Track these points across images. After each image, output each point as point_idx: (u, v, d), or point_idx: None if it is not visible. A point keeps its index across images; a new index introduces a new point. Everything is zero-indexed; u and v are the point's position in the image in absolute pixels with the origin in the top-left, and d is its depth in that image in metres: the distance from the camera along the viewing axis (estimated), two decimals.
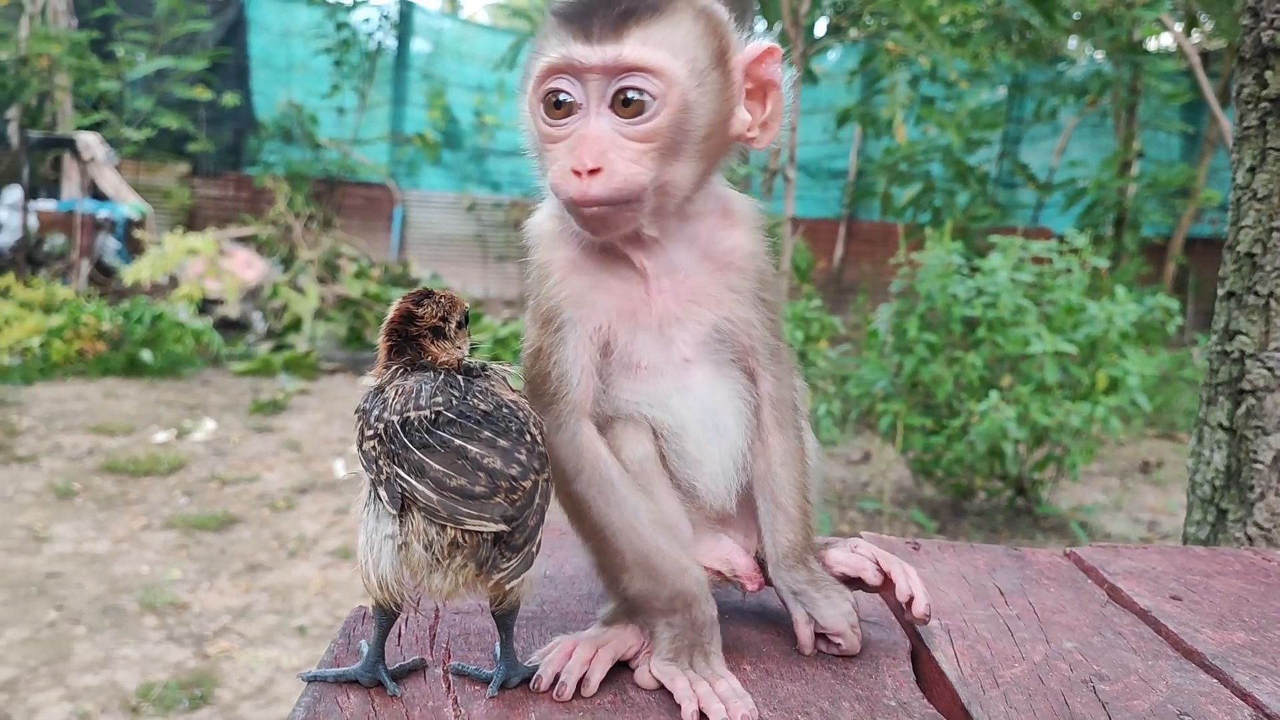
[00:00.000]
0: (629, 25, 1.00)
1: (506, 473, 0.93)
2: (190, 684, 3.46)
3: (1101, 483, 6.49)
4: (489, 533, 0.92)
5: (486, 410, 0.97)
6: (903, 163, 10.43)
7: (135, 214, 10.63)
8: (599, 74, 1.01)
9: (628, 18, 1.00)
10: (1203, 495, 2.06)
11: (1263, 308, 1.94)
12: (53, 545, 4.60)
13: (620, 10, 1.00)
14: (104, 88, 12.21)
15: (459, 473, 0.92)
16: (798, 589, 1.15)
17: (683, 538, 1.14)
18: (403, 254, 13.22)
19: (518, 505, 0.93)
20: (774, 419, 1.15)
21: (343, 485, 5.68)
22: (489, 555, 0.93)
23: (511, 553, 0.94)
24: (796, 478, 1.16)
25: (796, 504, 1.15)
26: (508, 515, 0.92)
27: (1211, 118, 9.42)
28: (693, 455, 1.13)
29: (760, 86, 1.06)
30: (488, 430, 0.95)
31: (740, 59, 1.05)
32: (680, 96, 1.01)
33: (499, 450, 0.94)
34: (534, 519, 0.95)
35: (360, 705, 0.95)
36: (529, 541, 0.94)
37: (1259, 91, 1.94)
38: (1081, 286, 5.28)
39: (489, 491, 0.92)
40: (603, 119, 1.02)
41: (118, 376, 8.02)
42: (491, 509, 0.92)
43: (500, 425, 0.96)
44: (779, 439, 1.15)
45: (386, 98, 13.76)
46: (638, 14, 1.00)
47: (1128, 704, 1.03)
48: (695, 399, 1.11)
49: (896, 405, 5.27)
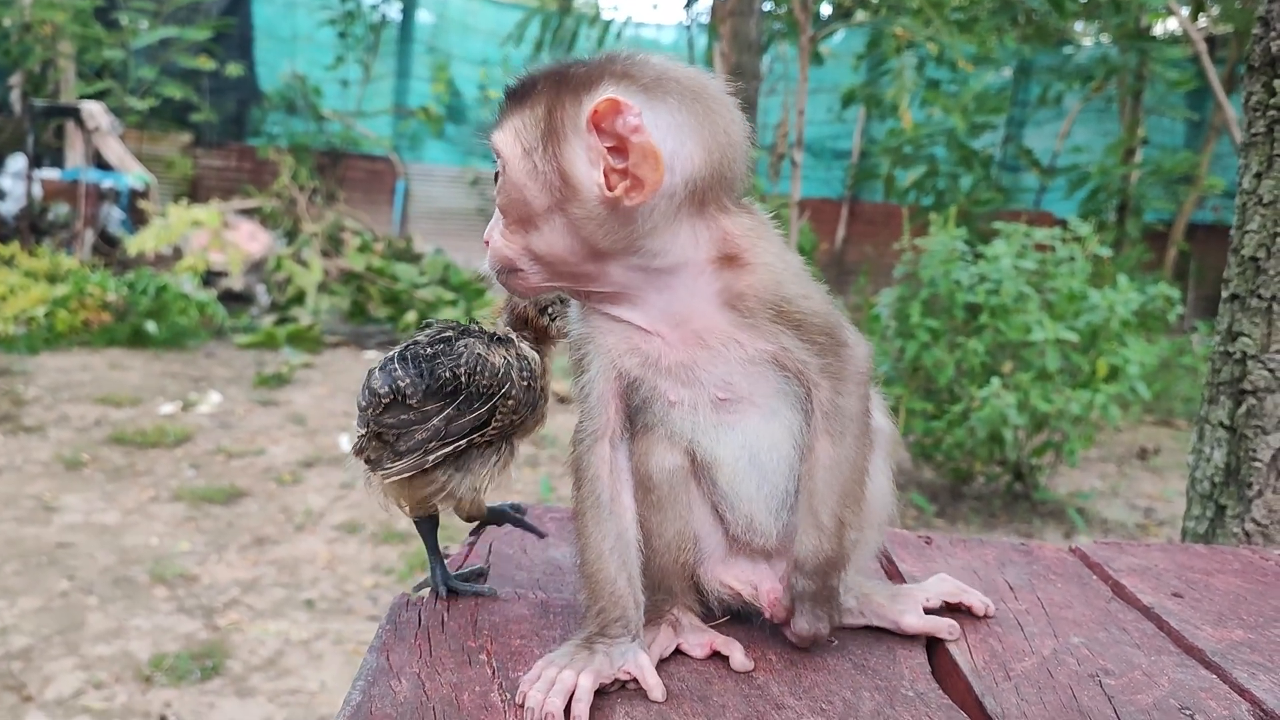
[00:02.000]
0: (501, 115, 1.09)
1: (378, 391, 1.17)
2: (201, 655, 3.52)
3: (1099, 469, 6.56)
4: (369, 433, 1.19)
5: (427, 355, 1.19)
6: (907, 145, 10.45)
7: (139, 184, 10.65)
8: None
9: (502, 109, 1.09)
10: (1202, 491, 2.12)
11: (1265, 310, 1.99)
12: (62, 515, 4.66)
13: (500, 102, 1.09)
14: (108, 56, 12.20)
15: (360, 392, 1.21)
16: (799, 590, 1.16)
17: (710, 556, 1.19)
18: (405, 228, 13.24)
19: (382, 419, 1.17)
20: (824, 427, 1.13)
21: (348, 459, 5.73)
22: (376, 454, 1.20)
23: (394, 457, 1.18)
24: (838, 487, 1.14)
25: (831, 512, 1.14)
26: (378, 423, 1.18)
27: (1216, 104, 9.44)
28: (724, 489, 1.16)
29: (620, 142, 1.01)
30: (398, 364, 1.19)
31: (583, 122, 1.02)
32: (512, 174, 1.06)
33: (387, 376, 1.18)
34: (422, 434, 1.17)
35: (412, 689, 1.01)
36: (413, 451, 1.17)
37: (1267, 99, 1.98)
38: (1084, 274, 5.33)
39: (365, 404, 1.19)
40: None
41: (122, 347, 8.07)
42: (362, 417, 1.19)
43: (423, 364, 1.18)
44: (825, 445, 1.13)
45: (391, 70, 13.75)
46: (506, 104, 1.08)
47: (1132, 698, 1.09)
48: (734, 435, 1.14)
49: (898, 389, 5.33)
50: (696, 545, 1.18)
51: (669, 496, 1.15)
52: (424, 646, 1.11)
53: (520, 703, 0.99)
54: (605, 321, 1.13)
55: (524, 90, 1.07)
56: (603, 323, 1.13)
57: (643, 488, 1.16)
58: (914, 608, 1.25)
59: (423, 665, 1.07)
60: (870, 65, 10.32)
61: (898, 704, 1.05)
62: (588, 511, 1.14)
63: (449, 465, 1.21)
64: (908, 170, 10.89)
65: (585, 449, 1.15)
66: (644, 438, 1.16)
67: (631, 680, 1.06)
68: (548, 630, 1.19)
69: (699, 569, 1.20)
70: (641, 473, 1.15)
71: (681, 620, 1.18)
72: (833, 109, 11.59)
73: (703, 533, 1.18)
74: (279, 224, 11.17)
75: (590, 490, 1.14)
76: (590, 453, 1.14)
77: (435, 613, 1.21)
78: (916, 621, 1.23)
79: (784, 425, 1.15)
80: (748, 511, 1.16)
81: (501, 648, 1.13)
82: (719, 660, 1.14)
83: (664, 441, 1.15)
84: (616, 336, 1.13)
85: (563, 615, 1.23)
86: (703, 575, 1.20)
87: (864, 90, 10.64)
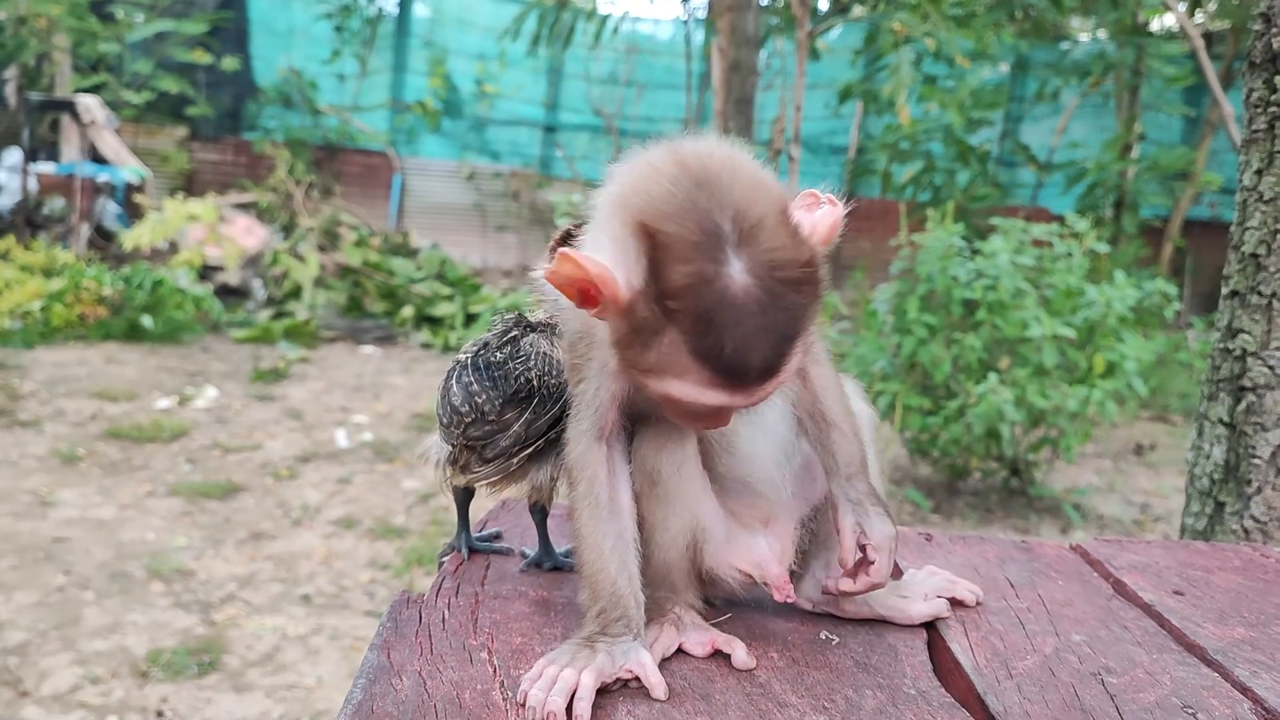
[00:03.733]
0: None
1: (459, 409, 1.23)
2: (198, 650, 3.52)
3: (1095, 464, 6.57)
4: (458, 445, 1.26)
5: (498, 361, 1.25)
6: (903, 141, 10.45)
7: (135, 178, 10.62)
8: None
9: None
10: (1201, 488, 2.12)
11: (1265, 307, 1.99)
12: (59, 510, 4.65)
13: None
14: (103, 49, 12.15)
15: (440, 406, 1.28)
16: (855, 498, 1.19)
17: (713, 541, 1.19)
18: (401, 222, 13.22)
19: (468, 434, 1.24)
20: (808, 359, 1.18)
21: (345, 455, 5.73)
22: (466, 462, 1.27)
23: (482, 463, 1.26)
24: (841, 400, 1.21)
25: (847, 421, 1.20)
26: (465, 437, 1.25)
27: (1213, 101, 9.44)
28: (744, 450, 1.20)
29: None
30: (472, 375, 1.25)
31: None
32: None
33: (465, 392, 1.24)
34: (505, 441, 1.24)
35: (414, 688, 1.00)
36: (499, 457, 1.25)
37: (1268, 96, 1.98)
38: (1081, 270, 5.33)
39: (449, 422, 1.26)
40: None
41: (118, 342, 8.05)
42: (449, 434, 1.27)
43: (495, 373, 1.24)
44: (816, 370, 1.21)
45: (387, 64, 13.71)
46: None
47: (1134, 696, 1.08)
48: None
49: (895, 385, 5.33)
50: (704, 533, 1.19)
51: (678, 487, 1.16)
52: (425, 644, 1.11)
53: (522, 701, 0.99)
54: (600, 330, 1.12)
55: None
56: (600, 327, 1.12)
57: (649, 481, 1.16)
58: (917, 597, 1.28)
59: (424, 663, 1.06)
60: (867, 61, 10.32)
61: (900, 702, 1.05)
62: (586, 511, 1.14)
63: (531, 461, 1.28)
64: (905, 166, 10.89)
65: (583, 448, 1.14)
66: (652, 431, 1.16)
67: (634, 679, 1.06)
68: (549, 628, 1.19)
69: (706, 557, 1.20)
70: (650, 466, 1.16)
71: (684, 619, 1.18)
72: (830, 104, 11.58)
73: (709, 520, 1.19)
74: (275, 218, 11.15)
75: (588, 490, 1.14)
76: (588, 452, 1.14)
77: (436, 610, 1.20)
78: (924, 608, 1.27)
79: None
80: (766, 464, 1.20)
81: (503, 645, 1.13)
82: (721, 658, 1.14)
83: (674, 431, 1.15)
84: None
85: (564, 613, 1.22)
86: (710, 562, 1.20)
87: (861, 86, 10.63)
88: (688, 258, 0.93)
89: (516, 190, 13.58)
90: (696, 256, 0.93)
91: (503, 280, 12.35)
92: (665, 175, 0.98)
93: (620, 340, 1.00)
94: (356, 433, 6.13)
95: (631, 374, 1.02)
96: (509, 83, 13.67)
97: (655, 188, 0.97)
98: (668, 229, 0.94)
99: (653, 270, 0.95)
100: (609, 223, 1.00)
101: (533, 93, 14.03)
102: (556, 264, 0.97)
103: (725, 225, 0.94)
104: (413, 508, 5.02)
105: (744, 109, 6.66)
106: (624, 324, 0.98)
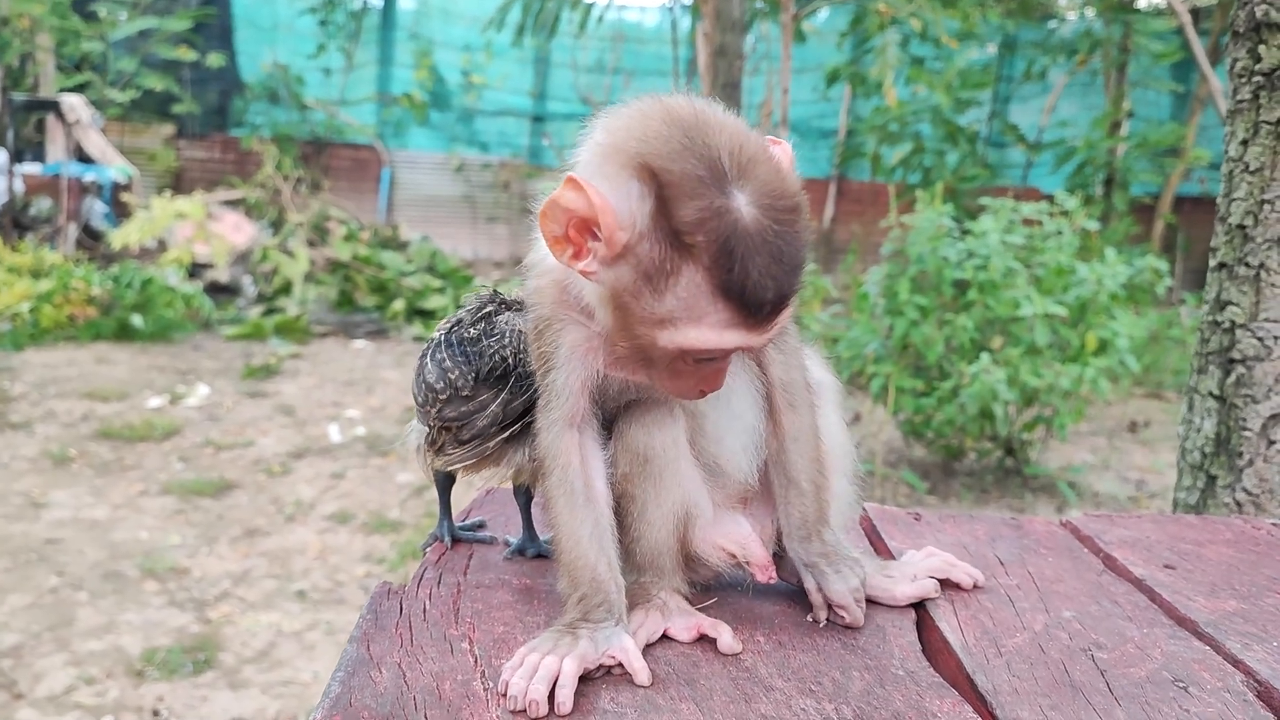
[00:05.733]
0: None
1: (434, 386, 1.21)
2: (193, 648, 3.50)
3: (1089, 442, 6.56)
4: (434, 426, 1.24)
5: (472, 337, 1.22)
6: (892, 123, 10.42)
7: (122, 177, 10.58)
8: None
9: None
10: (1193, 462, 2.11)
11: (1253, 279, 1.98)
12: (51, 511, 4.63)
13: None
14: (86, 48, 12.10)
15: (415, 384, 1.25)
16: (809, 561, 1.19)
17: (701, 518, 1.18)
18: (391, 215, 13.18)
19: (443, 413, 1.21)
20: (784, 400, 1.19)
21: (338, 450, 5.71)
22: (442, 444, 1.24)
23: (457, 445, 1.23)
24: (809, 454, 1.20)
25: (809, 479, 1.19)
26: (440, 417, 1.22)
27: (1201, 76, 9.43)
28: (712, 433, 1.19)
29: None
30: (445, 352, 1.22)
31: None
32: None
33: (439, 368, 1.22)
34: (482, 422, 1.21)
35: (393, 680, 0.99)
36: (476, 439, 1.22)
37: (1252, 65, 1.97)
38: (1072, 249, 5.32)
39: (423, 401, 1.23)
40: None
41: (109, 341, 8.02)
42: (424, 414, 1.25)
43: (469, 349, 1.21)
44: (790, 419, 1.19)
45: (373, 58, 13.67)
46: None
47: (1125, 671, 1.07)
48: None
49: (887, 367, 5.32)
50: (695, 509, 1.18)
51: (670, 464, 1.15)
52: (405, 635, 1.09)
53: (503, 691, 0.97)
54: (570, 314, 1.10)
55: None
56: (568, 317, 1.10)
57: (640, 461, 1.15)
58: (905, 578, 1.27)
59: (404, 655, 1.05)
60: (854, 43, 10.29)
61: (888, 683, 1.04)
62: (560, 500, 1.12)
63: (508, 443, 1.24)
64: (894, 148, 10.86)
65: (554, 436, 1.13)
66: (639, 411, 1.15)
67: (617, 665, 1.04)
68: (531, 617, 1.17)
69: (692, 536, 1.19)
70: (640, 446, 1.15)
71: (669, 603, 1.16)
72: (817, 88, 11.54)
73: (696, 496, 1.18)
74: (264, 214, 11.11)
75: (562, 478, 1.13)
76: (559, 440, 1.13)
77: (417, 601, 1.19)
78: (909, 589, 1.25)
79: (743, 372, 1.19)
80: (734, 448, 1.19)
81: (484, 635, 1.11)
82: (706, 643, 1.12)
83: (656, 412, 1.15)
84: (582, 334, 1.11)
85: (547, 601, 1.21)
86: (696, 541, 1.19)
87: (848, 68, 10.61)
88: (697, 193, 0.93)
89: (506, 181, 13.54)
90: (705, 191, 0.93)
91: (494, 272, 12.32)
92: (656, 120, 0.98)
93: (625, 291, 0.98)
94: (349, 427, 6.11)
95: (631, 336, 1.01)
96: (496, 73, 13.62)
97: (649, 132, 0.97)
98: (672, 166, 0.94)
99: (660, 208, 0.95)
100: (603, 166, 0.99)
101: (520, 83, 13.99)
102: (559, 193, 0.96)
103: (725, 161, 0.94)
104: (407, 501, 5.01)
105: (731, 94, 6.63)
106: (629, 271, 0.97)
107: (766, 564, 1.19)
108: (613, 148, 0.99)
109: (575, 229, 0.97)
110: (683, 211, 0.93)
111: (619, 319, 1.00)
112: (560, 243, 0.99)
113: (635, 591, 1.16)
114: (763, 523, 1.23)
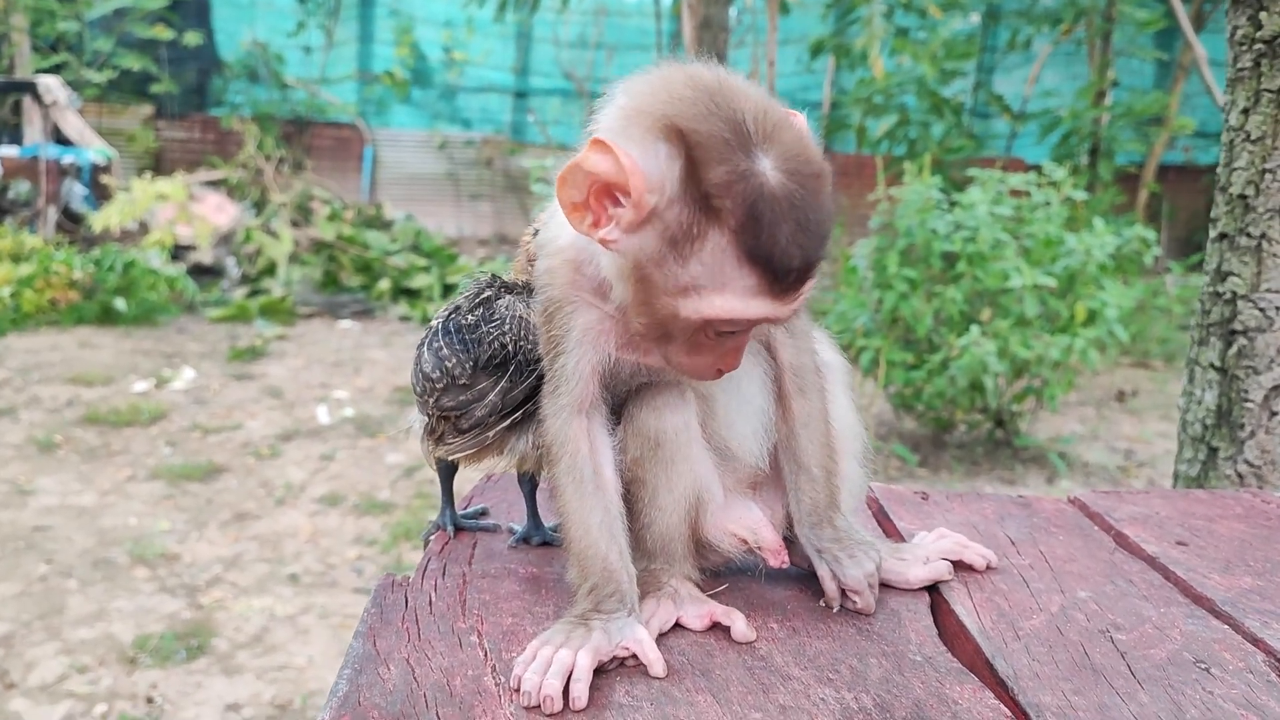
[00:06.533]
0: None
1: (430, 376, 1.18)
2: (186, 634, 3.48)
3: (1078, 413, 6.57)
4: (433, 416, 1.21)
5: (470, 324, 1.18)
6: (877, 95, 10.36)
7: (101, 159, 10.45)
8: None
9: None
10: (1194, 434, 2.10)
11: (1255, 249, 1.96)
12: (38, 498, 4.58)
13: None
14: (62, 28, 11.93)
15: (412, 374, 1.23)
16: (821, 547, 1.18)
17: (713, 503, 1.17)
18: (374, 194, 13.08)
19: (441, 403, 1.19)
20: (794, 385, 1.18)
21: (326, 431, 5.67)
22: (442, 433, 1.22)
23: (457, 434, 1.20)
24: (819, 439, 1.18)
25: (819, 464, 1.18)
26: (439, 407, 1.20)
27: (1185, 44, 9.40)
28: (723, 417, 1.17)
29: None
30: (443, 340, 1.18)
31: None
32: None
33: (435, 357, 1.18)
34: (481, 411, 1.18)
35: (401, 676, 0.96)
36: (475, 428, 1.19)
37: (1253, 33, 1.94)
38: (1060, 219, 5.30)
39: (421, 391, 1.21)
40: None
41: (92, 325, 7.94)
42: (422, 404, 1.22)
43: (467, 336, 1.18)
44: (800, 404, 1.18)
45: (353, 35, 13.53)
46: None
47: (1145, 653, 1.06)
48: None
49: (877, 341, 5.30)
50: (707, 494, 1.17)
51: (682, 448, 1.13)
52: (412, 630, 1.07)
53: (515, 686, 0.95)
54: (582, 295, 1.08)
55: None
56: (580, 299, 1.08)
57: (652, 445, 1.13)
58: (917, 560, 1.25)
59: (411, 650, 1.02)
60: (838, 14, 10.21)
61: (906, 670, 1.02)
62: (569, 487, 1.10)
63: (510, 431, 1.22)
64: (879, 120, 10.80)
65: (562, 422, 1.11)
66: (649, 395, 1.13)
67: (630, 656, 1.02)
68: (540, 607, 1.15)
69: (704, 522, 1.18)
70: (651, 430, 1.13)
71: (680, 591, 1.14)
72: (802, 60, 11.47)
73: (708, 481, 1.17)
74: (246, 195, 11.00)
75: (571, 465, 1.10)
76: (568, 426, 1.10)
77: (422, 593, 1.16)
78: (923, 572, 1.24)
79: (753, 355, 1.17)
80: (744, 432, 1.18)
81: (493, 628, 1.08)
82: (720, 631, 1.10)
83: (667, 395, 1.13)
84: (594, 315, 1.08)
85: (555, 590, 1.18)
86: (707, 527, 1.18)
87: (833, 40, 10.52)
88: (724, 156, 0.91)
89: (489, 158, 13.45)
90: (732, 154, 0.92)
91: (479, 249, 12.25)
92: (681, 84, 0.96)
93: (648, 259, 0.95)
94: (338, 409, 6.07)
95: (651, 310, 0.98)
96: (477, 49, 13.50)
97: (675, 94, 0.95)
98: (700, 128, 0.92)
99: (689, 170, 0.92)
100: (628, 129, 0.96)
101: (502, 58, 13.87)
102: (583, 155, 0.93)
103: (750, 125, 0.93)
104: (397, 482, 4.98)
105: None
106: (654, 237, 0.94)
107: (779, 549, 1.17)
108: (637, 111, 0.96)
109: (597, 195, 0.95)
110: (712, 174, 0.91)
111: (639, 291, 0.98)
112: (579, 209, 0.96)
113: (645, 579, 1.14)
114: (773, 507, 1.21)
